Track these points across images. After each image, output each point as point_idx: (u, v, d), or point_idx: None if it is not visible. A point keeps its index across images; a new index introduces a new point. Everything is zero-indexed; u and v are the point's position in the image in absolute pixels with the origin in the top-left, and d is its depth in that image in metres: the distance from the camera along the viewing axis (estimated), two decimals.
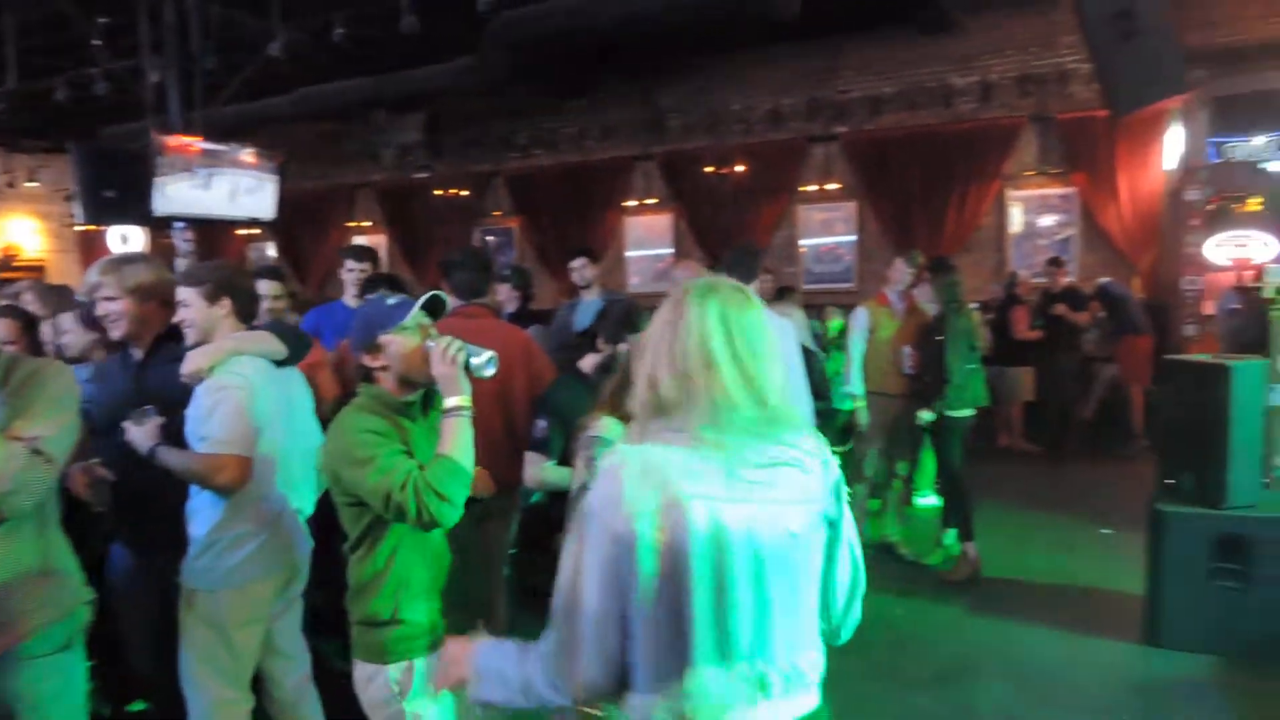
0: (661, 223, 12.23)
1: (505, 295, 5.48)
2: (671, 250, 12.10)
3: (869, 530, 6.04)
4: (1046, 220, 10.31)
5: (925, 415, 5.61)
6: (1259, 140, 9.39)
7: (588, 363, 3.38)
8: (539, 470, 3.33)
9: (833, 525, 1.59)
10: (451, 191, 13.33)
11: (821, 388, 5.02)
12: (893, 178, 10.57)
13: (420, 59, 9.78)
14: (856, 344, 5.93)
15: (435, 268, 11.56)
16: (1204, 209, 8.97)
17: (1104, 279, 9.16)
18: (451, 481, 2.08)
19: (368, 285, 4.84)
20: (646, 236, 12.42)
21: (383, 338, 2.27)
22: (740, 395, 1.47)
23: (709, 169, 11.44)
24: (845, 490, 1.61)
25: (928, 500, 6.90)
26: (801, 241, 11.41)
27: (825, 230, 11.32)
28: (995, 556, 5.70)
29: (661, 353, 1.50)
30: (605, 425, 2.28)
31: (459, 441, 2.15)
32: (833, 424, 5.81)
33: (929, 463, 6.70)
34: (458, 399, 2.18)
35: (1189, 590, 4.47)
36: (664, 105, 11.80)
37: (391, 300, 2.35)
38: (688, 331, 1.49)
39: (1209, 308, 8.96)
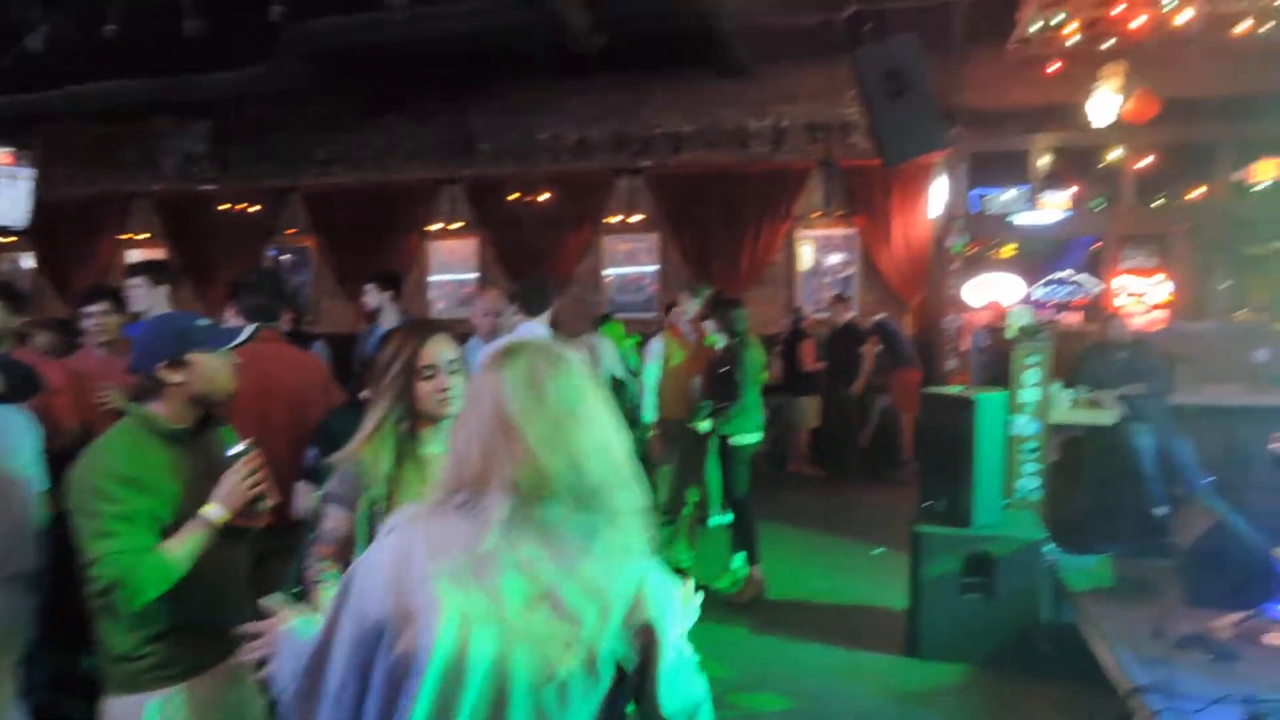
0: (467, 248, 12.08)
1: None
2: (476, 276, 11.96)
3: (659, 557, 6.17)
4: (832, 259, 11.07)
5: (703, 425, 5.83)
6: (1010, 194, 10.55)
7: (368, 393, 3.27)
8: (308, 500, 3.20)
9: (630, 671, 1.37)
10: (241, 206, 12.55)
11: (631, 417, 5.14)
12: (693, 213, 11.00)
13: (212, 63, 9.20)
14: (650, 373, 6.10)
15: (223, 287, 10.83)
16: (963, 254, 9.94)
17: (880, 315, 9.91)
18: (155, 581, 2.05)
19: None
20: (451, 261, 12.22)
21: (194, 355, 2.19)
22: (544, 467, 1.33)
23: (516, 195, 11.43)
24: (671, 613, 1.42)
25: (721, 519, 7.13)
26: (606, 270, 11.62)
27: (629, 260, 11.59)
28: (779, 578, 5.99)
29: (465, 423, 1.40)
30: (356, 457, 2.21)
31: (187, 548, 2.11)
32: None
33: (717, 486, 6.96)
34: (218, 511, 2.16)
35: (943, 604, 4.88)
36: (474, 128, 11.70)
37: (202, 321, 2.29)
38: (489, 398, 1.38)
39: (966, 344, 9.91)
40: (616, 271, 11.66)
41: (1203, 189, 10.21)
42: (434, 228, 12.00)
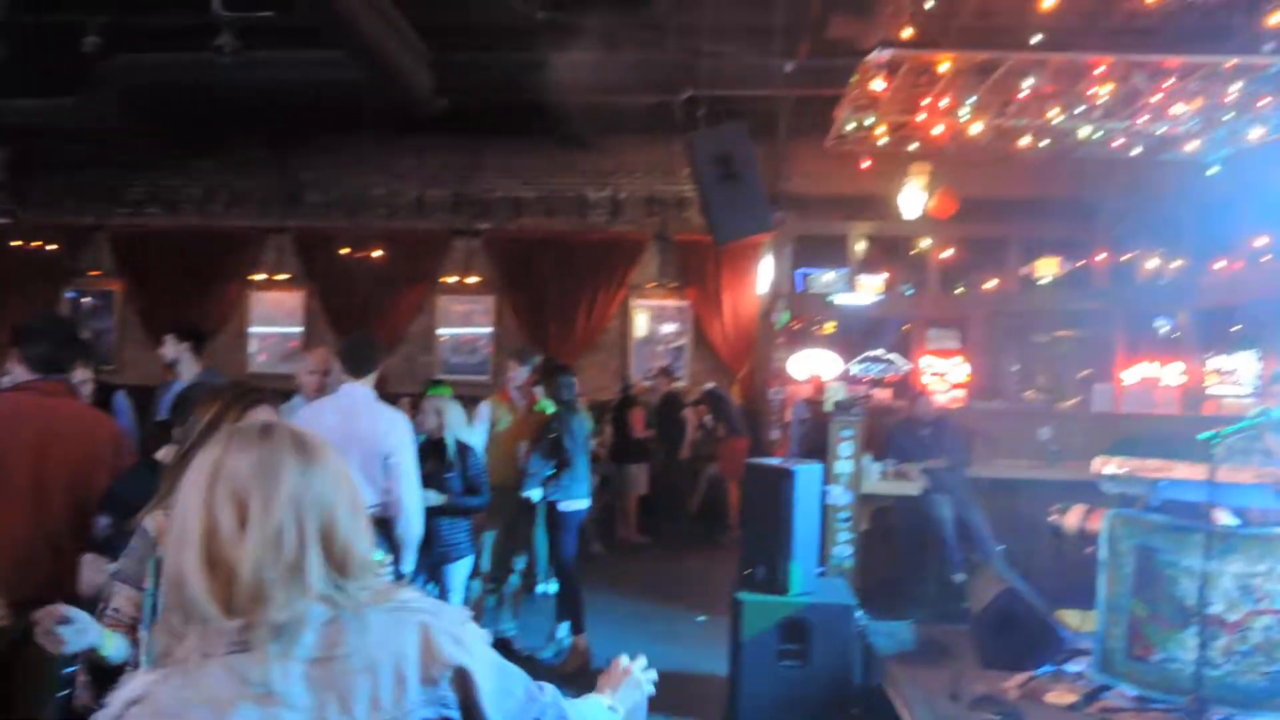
0: (293, 300, 11.57)
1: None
2: (302, 330, 11.46)
3: (485, 625, 6.00)
4: (665, 328, 11.36)
5: (534, 493, 5.77)
6: (830, 276, 11.23)
7: (164, 453, 3.03)
8: (96, 574, 2.89)
9: None
10: (38, 244, 11.52)
11: (475, 483, 5.01)
12: (530, 277, 11.04)
13: (13, 89, 8.48)
14: (476, 438, 5.99)
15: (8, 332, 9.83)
16: (786, 330, 10.45)
17: (711, 384, 10.22)
18: None
19: None
20: (275, 313, 11.66)
21: None
22: (196, 591, 1.13)
23: (347, 250, 11.11)
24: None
25: (548, 588, 7.03)
26: (440, 330, 11.42)
27: (464, 321, 11.45)
28: (604, 647, 5.93)
29: (172, 531, 1.18)
30: (147, 526, 2.05)
31: None
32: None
33: (544, 553, 6.87)
34: None
35: (762, 671, 4.96)
36: (304, 178, 11.32)
37: None
38: (181, 500, 1.19)
39: (789, 415, 10.37)
40: (451, 332, 11.48)
41: (996, 280, 11.26)
42: (258, 277, 11.44)
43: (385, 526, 4.03)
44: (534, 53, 7.71)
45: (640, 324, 11.34)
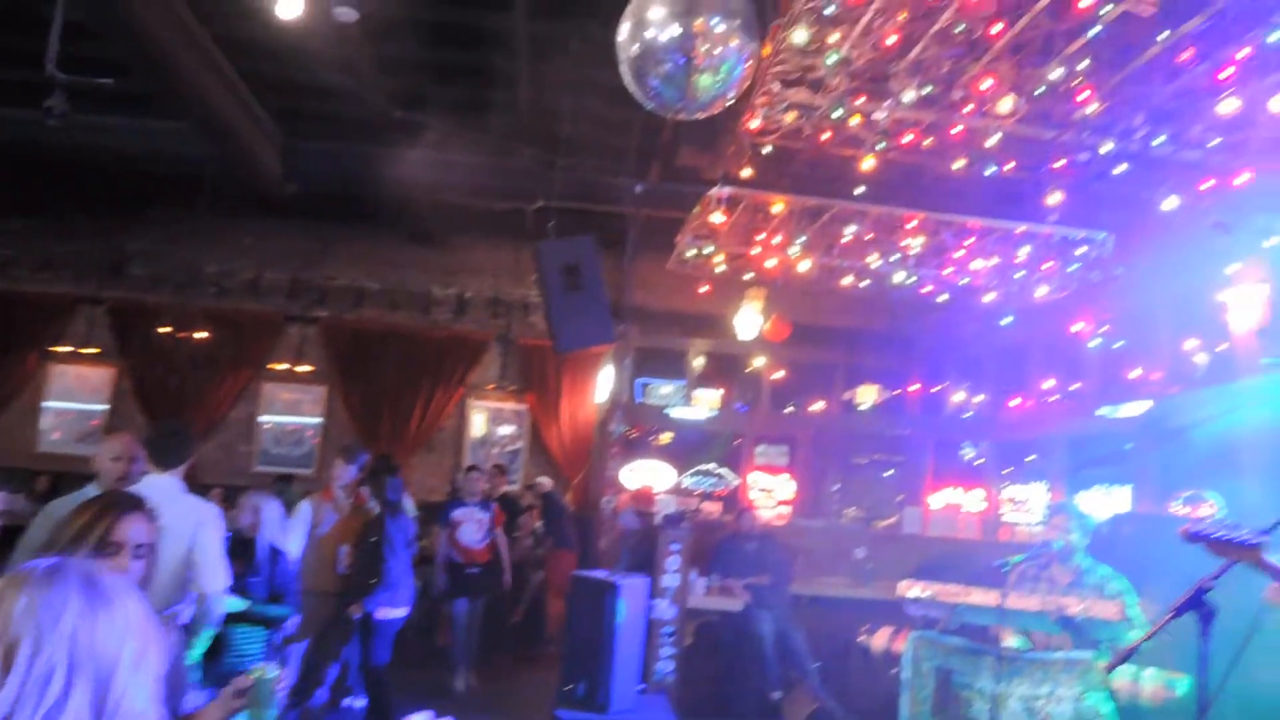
0: (98, 376, 10.71)
1: None
2: (106, 408, 10.59)
3: None
4: (502, 430, 11.24)
5: (355, 611, 5.48)
6: (668, 388, 11.55)
7: None
8: None
9: None
10: None
11: (281, 591, 4.68)
12: (367, 370, 10.73)
13: None
14: (296, 539, 5.67)
15: None
16: (623, 439, 10.59)
17: (549, 486, 10.10)
18: None
19: None
20: (77, 389, 10.73)
21: None
22: None
23: (168, 328, 10.45)
24: None
25: (357, 702, 6.60)
26: (264, 418, 10.84)
27: (291, 410, 10.92)
28: None
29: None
30: None
31: None
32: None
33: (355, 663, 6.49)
34: None
35: None
36: (130, 249, 10.68)
37: None
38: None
39: (620, 525, 10.41)
40: (275, 419, 10.91)
41: (822, 403, 11.89)
42: (62, 349, 10.55)
43: (188, 630, 3.71)
44: (389, 148, 7.73)
45: (477, 424, 11.19)
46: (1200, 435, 7.15)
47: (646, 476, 10.77)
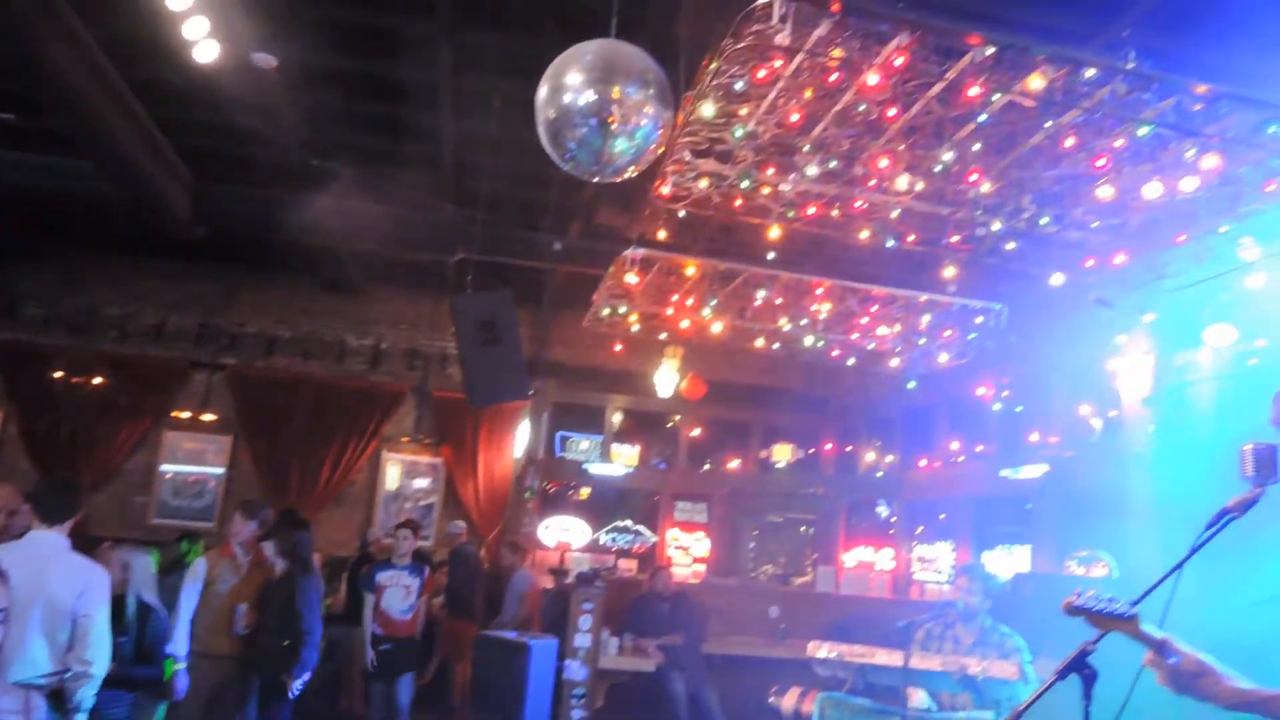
0: None
1: None
2: None
3: None
4: (417, 484, 11.01)
5: (294, 685, 5.24)
6: (586, 444, 11.52)
7: None
8: None
9: None
10: None
11: (150, 651, 4.43)
12: (276, 420, 10.42)
13: None
14: (188, 598, 5.40)
15: None
16: (539, 495, 10.49)
17: (465, 542, 9.86)
18: None
19: None
20: None
21: None
22: None
23: (61, 372, 10.00)
24: None
25: None
26: (164, 467, 10.39)
27: (193, 460, 10.51)
28: None
29: None
30: None
31: None
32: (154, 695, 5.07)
33: None
34: None
35: None
36: (22, 288, 10.22)
37: None
38: None
39: (541, 583, 10.25)
40: (176, 469, 10.47)
41: (738, 461, 12.02)
42: None
43: (58, 698, 3.49)
44: (305, 196, 7.63)
45: (391, 477, 10.94)
46: (1093, 497, 7.46)
47: (563, 534, 10.66)
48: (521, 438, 10.78)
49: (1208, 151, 3.44)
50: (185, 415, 10.36)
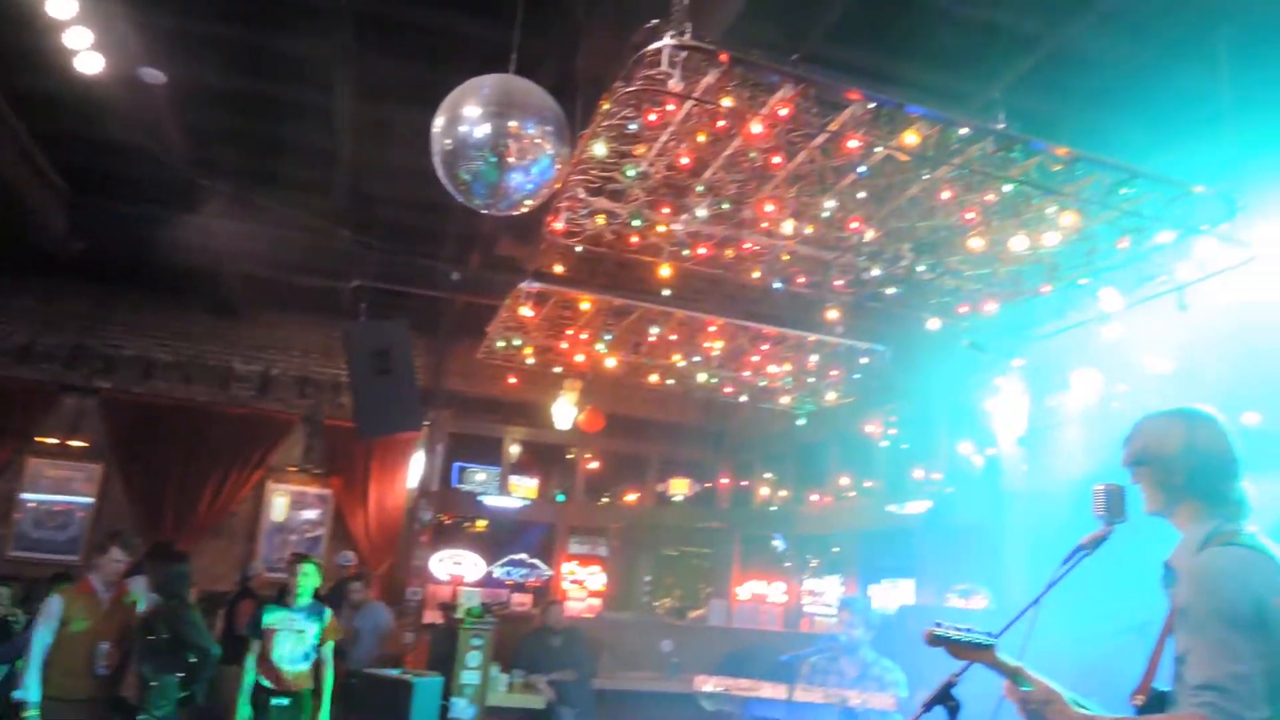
0: None
1: None
2: None
3: None
4: (304, 515, 10.63)
5: (160, 712, 4.94)
6: (483, 475, 11.36)
7: None
8: None
9: None
10: None
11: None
12: (154, 447, 9.92)
13: None
14: (41, 639, 5.06)
15: None
16: (433, 527, 10.28)
17: (352, 574, 9.53)
18: None
19: None
20: None
21: None
22: None
23: None
24: None
25: None
26: (25, 495, 9.75)
27: (59, 489, 9.89)
28: None
29: None
30: None
31: None
32: None
33: None
34: None
35: None
36: None
37: None
38: None
39: (429, 617, 10.00)
40: (39, 498, 9.84)
41: (636, 494, 12.05)
42: None
43: None
44: (193, 216, 7.38)
45: (277, 509, 10.53)
46: (973, 532, 7.77)
47: (456, 567, 10.46)
48: (416, 469, 10.56)
49: (1067, 209, 3.70)
50: (52, 441, 9.78)
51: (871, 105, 3.15)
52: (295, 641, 5.59)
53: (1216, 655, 1.85)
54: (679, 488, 11.86)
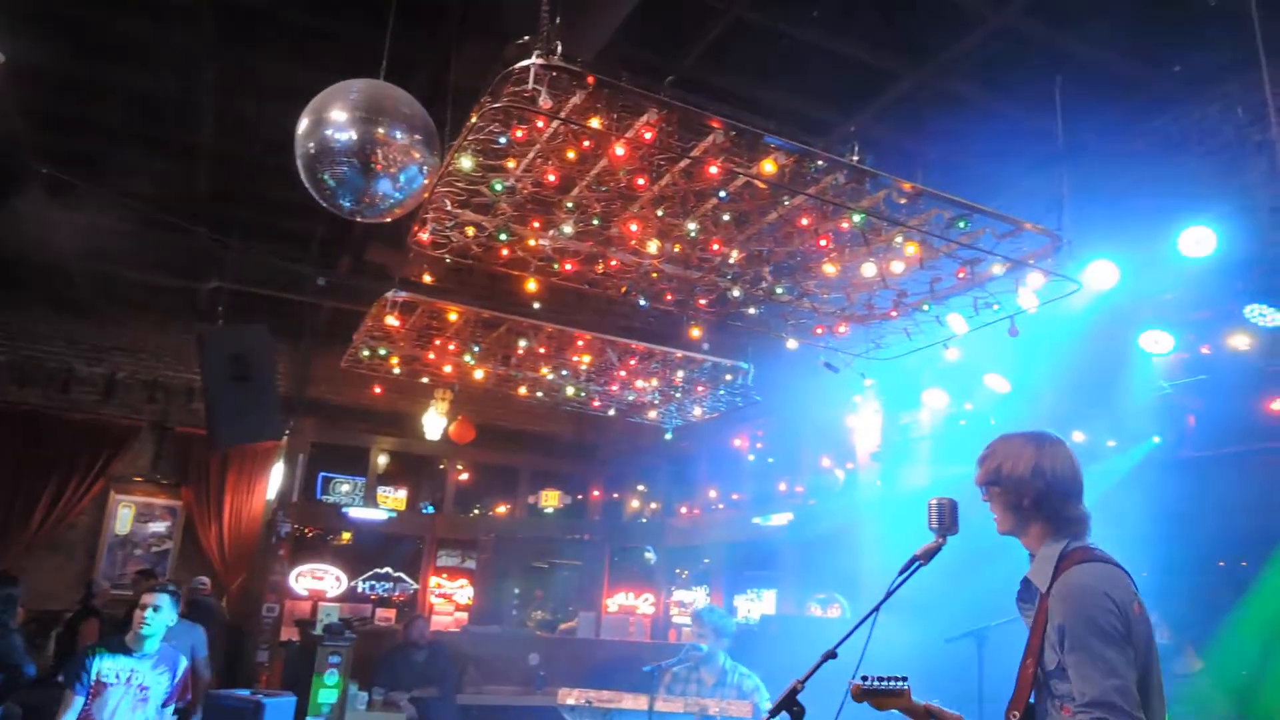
0: None
1: None
2: None
3: None
4: (152, 528, 10.04)
5: None
6: (348, 486, 11.02)
7: None
8: None
9: None
10: None
11: None
12: None
13: None
14: None
15: None
16: (292, 540, 9.89)
17: (203, 593, 9.07)
18: None
19: None
20: None
21: None
22: None
23: None
24: None
25: None
26: None
27: None
28: None
29: None
30: None
31: None
32: None
33: None
34: None
35: None
36: None
37: None
38: None
39: (286, 634, 9.60)
40: None
41: (506, 507, 11.95)
42: None
43: None
44: (31, 205, 6.89)
45: (122, 521, 9.90)
46: (832, 543, 8.08)
47: (316, 582, 10.09)
48: (276, 479, 10.15)
49: (911, 240, 3.94)
50: None
51: (732, 133, 3.27)
52: (133, 702, 4.22)
53: (1098, 672, 1.99)
54: (550, 500, 11.83)
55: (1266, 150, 4.53)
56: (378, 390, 7.07)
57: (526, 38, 3.15)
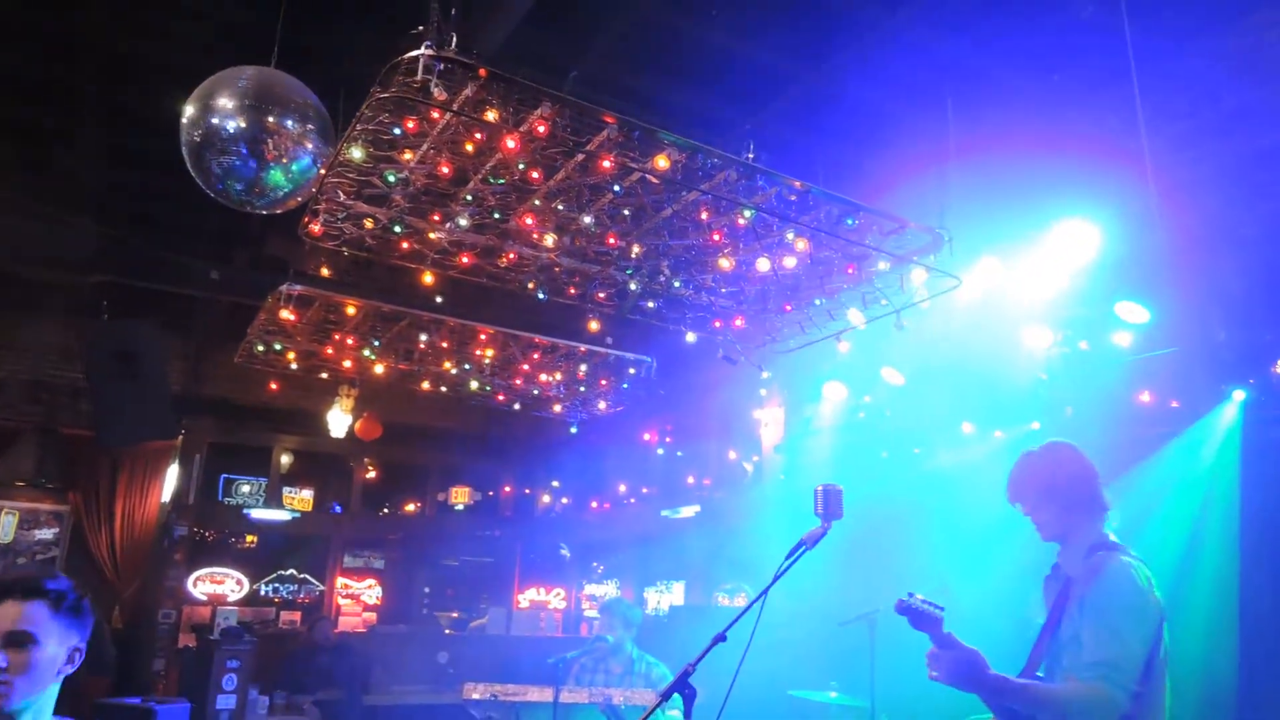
0: None
1: None
2: None
3: None
4: (37, 535, 9.55)
5: None
6: (250, 487, 10.70)
7: None
8: None
9: None
10: None
11: None
12: None
13: None
14: None
15: None
16: (189, 544, 9.56)
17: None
18: None
19: None
20: None
21: None
22: None
23: None
24: None
25: None
26: None
27: None
28: None
29: None
30: None
31: None
32: None
33: None
34: None
35: None
36: None
37: None
38: None
39: (184, 641, 9.26)
40: None
41: (415, 505, 11.78)
42: None
43: None
44: None
45: (4, 529, 9.39)
46: (738, 534, 8.24)
47: (216, 586, 9.78)
48: (170, 481, 9.79)
49: (801, 236, 4.06)
50: None
51: (626, 129, 3.31)
52: None
53: (1108, 638, 2.24)
54: (460, 497, 11.71)
55: (1138, 155, 4.81)
56: (274, 386, 6.88)
57: (420, 27, 3.13)
